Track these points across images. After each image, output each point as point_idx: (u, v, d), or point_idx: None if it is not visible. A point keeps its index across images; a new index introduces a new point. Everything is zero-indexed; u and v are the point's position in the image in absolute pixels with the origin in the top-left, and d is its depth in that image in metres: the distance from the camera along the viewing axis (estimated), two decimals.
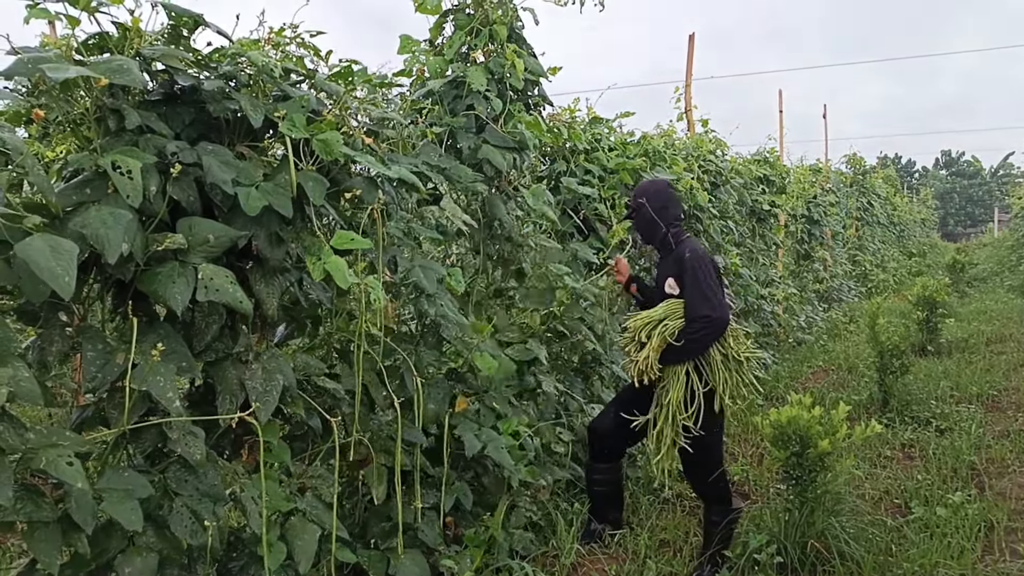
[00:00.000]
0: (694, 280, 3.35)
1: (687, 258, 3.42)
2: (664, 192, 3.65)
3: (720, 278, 3.53)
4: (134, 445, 2.16)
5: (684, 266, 3.39)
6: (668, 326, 3.37)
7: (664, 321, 3.39)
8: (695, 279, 3.35)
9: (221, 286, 2.05)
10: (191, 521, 2.11)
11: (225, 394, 2.28)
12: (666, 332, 3.37)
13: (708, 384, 3.41)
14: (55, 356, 2.02)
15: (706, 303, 3.31)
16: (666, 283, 3.48)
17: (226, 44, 2.34)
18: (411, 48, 3.55)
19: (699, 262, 3.40)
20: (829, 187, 12.18)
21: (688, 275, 3.36)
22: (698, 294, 3.33)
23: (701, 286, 3.34)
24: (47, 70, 1.81)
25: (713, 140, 7.11)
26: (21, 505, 1.78)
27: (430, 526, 2.98)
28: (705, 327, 3.31)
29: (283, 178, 2.23)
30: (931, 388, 6.72)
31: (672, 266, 3.49)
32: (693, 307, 3.33)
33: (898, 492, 4.55)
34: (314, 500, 2.49)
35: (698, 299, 3.32)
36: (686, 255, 3.43)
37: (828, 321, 10.67)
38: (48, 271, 1.66)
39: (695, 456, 3.48)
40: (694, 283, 3.35)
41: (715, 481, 3.58)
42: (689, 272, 3.37)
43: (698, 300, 3.32)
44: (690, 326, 3.33)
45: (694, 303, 3.33)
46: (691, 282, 3.35)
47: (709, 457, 3.54)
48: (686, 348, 3.34)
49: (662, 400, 3.49)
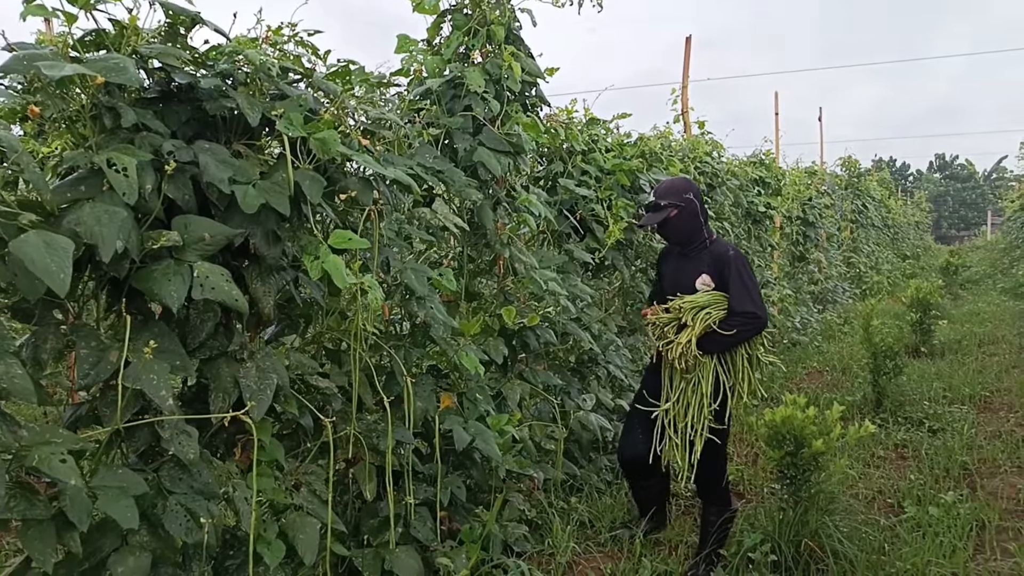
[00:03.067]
0: (739, 278, 3.44)
1: (731, 256, 3.49)
2: (699, 191, 3.71)
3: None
4: (127, 443, 2.15)
5: (728, 264, 3.47)
6: (712, 314, 3.42)
7: (707, 309, 3.44)
8: (740, 277, 3.44)
9: (217, 284, 2.04)
10: (186, 519, 2.10)
11: (219, 392, 2.27)
12: (709, 319, 3.42)
13: (731, 380, 3.51)
14: (49, 354, 2.02)
15: (751, 301, 3.41)
16: (699, 279, 3.53)
17: (223, 42, 2.34)
18: (409, 48, 3.55)
19: (743, 261, 3.51)
20: (824, 189, 12.20)
21: (733, 273, 3.45)
22: (744, 291, 3.42)
23: (747, 284, 3.44)
24: (43, 68, 1.80)
25: (709, 142, 7.12)
26: (15, 503, 1.77)
27: (423, 522, 2.98)
28: (749, 322, 3.39)
29: (280, 176, 2.22)
30: (924, 389, 6.76)
31: (708, 263, 3.54)
32: (740, 302, 3.41)
33: (891, 492, 4.57)
34: (309, 496, 2.49)
35: (744, 295, 3.41)
36: (729, 253, 3.51)
37: (823, 322, 10.70)
38: (43, 268, 1.65)
39: (711, 451, 3.54)
40: (739, 281, 3.44)
41: (720, 479, 3.65)
42: (735, 270, 3.45)
43: (743, 296, 3.41)
44: (734, 319, 3.40)
45: (741, 299, 3.41)
46: (736, 279, 3.44)
47: (720, 454, 3.61)
48: (726, 338, 3.39)
49: (687, 392, 3.53)
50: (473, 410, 3.24)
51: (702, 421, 3.49)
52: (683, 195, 3.60)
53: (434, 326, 2.99)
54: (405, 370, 2.85)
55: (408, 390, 2.79)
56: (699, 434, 3.50)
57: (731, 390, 3.54)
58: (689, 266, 3.61)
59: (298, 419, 2.54)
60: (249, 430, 2.41)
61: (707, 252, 3.59)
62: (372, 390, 2.79)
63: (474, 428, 3.15)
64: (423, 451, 3.25)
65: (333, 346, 2.92)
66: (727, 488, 3.72)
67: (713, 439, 3.51)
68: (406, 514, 2.92)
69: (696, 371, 3.50)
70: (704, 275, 3.53)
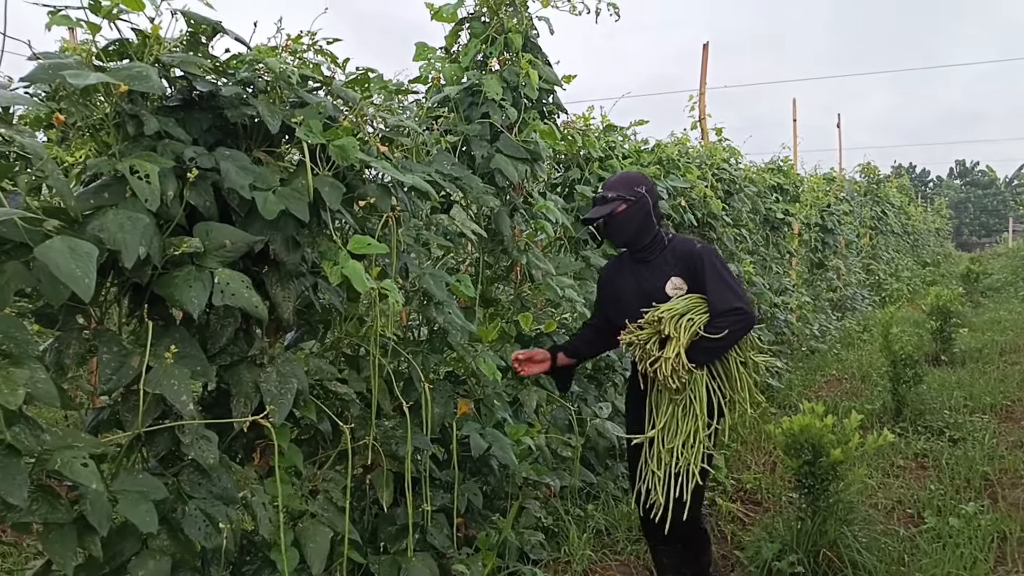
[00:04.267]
0: (715, 273, 3.04)
1: (700, 250, 3.10)
2: (653, 185, 3.26)
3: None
4: (148, 448, 2.17)
5: (699, 260, 3.06)
6: (694, 321, 2.99)
7: (688, 315, 3.00)
8: (716, 271, 3.04)
9: (237, 291, 2.06)
10: (205, 524, 2.11)
11: (240, 397, 2.29)
12: (693, 327, 2.97)
13: (726, 393, 3.09)
14: (72, 359, 2.04)
15: (734, 295, 3.00)
16: (669, 284, 3.10)
17: (243, 51, 2.36)
18: (427, 55, 3.57)
19: (715, 254, 3.13)
20: (843, 196, 12.14)
21: (707, 269, 3.04)
22: (723, 286, 3.01)
23: (725, 278, 3.04)
24: (68, 76, 1.83)
25: (727, 148, 7.11)
26: (36, 506, 1.79)
27: (439, 529, 2.98)
28: (738, 320, 2.97)
29: (300, 183, 2.24)
30: (944, 398, 6.69)
31: (675, 264, 3.12)
32: (721, 301, 2.98)
33: (911, 502, 4.52)
34: (326, 503, 2.50)
35: (725, 291, 3.00)
36: (697, 247, 3.11)
37: (841, 330, 10.63)
38: (68, 273, 1.67)
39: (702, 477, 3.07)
40: (715, 276, 3.03)
41: (702, 515, 3.24)
42: (708, 265, 3.05)
43: (725, 292, 3.00)
44: (721, 319, 2.97)
45: (722, 295, 2.99)
46: (712, 275, 3.03)
47: (705, 483, 3.14)
48: (717, 342, 2.96)
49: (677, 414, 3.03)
50: (490, 417, 3.25)
51: (698, 446, 3.00)
52: (634, 188, 3.15)
53: (452, 332, 3.00)
54: (423, 376, 2.86)
55: (427, 396, 2.80)
56: (694, 463, 3.00)
57: (728, 404, 3.10)
58: (652, 273, 3.16)
59: (316, 424, 2.55)
60: (268, 435, 2.43)
61: (669, 253, 3.16)
62: (390, 396, 2.80)
63: (491, 435, 3.16)
64: (439, 457, 3.26)
65: (352, 352, 2.94)
66: (706, 529, 3.35)
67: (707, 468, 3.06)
68: (423, 521, 2.93)
69: (686, 391, 3.03)
70: (674, 278, 3.11)
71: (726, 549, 3.94)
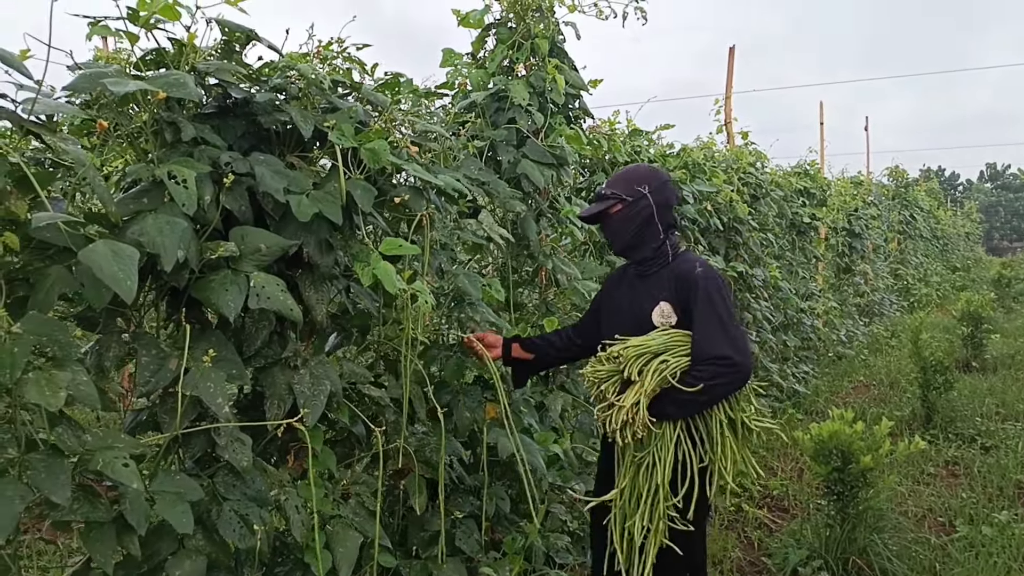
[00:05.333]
0: (709, 308, 2.48)
1: (699, 275, 2.55)
2: (668, 185, 2.73)
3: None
4: (184, 450, 2.21)
5: (695, 287, 2.53)
6: (668, 364, 2.45)
7: (662, 356, 2.47)
8: (711, 307, 2.48)
9: (272, 294, 2.09)
10: (239, 525, 2.14)
11: (273, 399, 2.32)
12: (666, 371, 2.44)
13: (704, 457, 2.54)
14: (112, 361, 2.08)
15: (727, 340, 2.43)
16: (656, 310, 2.61)
17: (275, 58, 2.40)
18: (453, 61, 3.60)
19: (717, 283, 2.55)
20: (871, 200, 12.04)
21: (701, 300, 2.50)
22: (716, 327, 2.45)
23: (721, 317, 2.47)
24: (109, 84, 1.87)
25: (753, 152, 7.08)
26: (78, 505, 1.83)
27: (468, 534, 3.00)
28: (723, 373, 2.40)
29: (332, 186, 2.28)
30: (976, 405, 6.61)
31: (669, 286, 2.62)
32: (708, 344, 2.44)
33: (942, 510, 4.48)
34: (358, 507, 2.53)
35: (716, 333, 2.44)
36: (696, 271, 2.57)
37: (869, 335, 10.54)
38: (111, 276, 1.71)
39: (678, 558, 2.58)
40: (710, 312, 2.48)
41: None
42: (703, 296, 2.50)
43: (716, 335, 2.44)
44: (701, 368, 2.43)
45: (710, 338, 2.44)
46: (706, 310, 2.48)
47: (692, 560, 2.69)
48: (688, 398, 2.42)
49: (639, 477, 2.54)
50: (518, 422, 3.26)
51: (657, 520, 2.51)
52: (634, 186, 2.67)
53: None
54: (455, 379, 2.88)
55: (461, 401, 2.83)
56: (652, 540, 2.53)
57: (704, 474, 2.54)
58: (645, 292, 2.68)
59: (350, 428, 2.58)
60: (302, 438, 2.46)
61: (668, 271, 2.65)
62: (424, 400, 2.82)
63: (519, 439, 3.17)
64: (466, 462, 3.28)
65: (392, 356, 2.97)
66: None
67: (673, 546, 2.54)
68: (453, 527, 2.95)
69: (651, 447, 2.51)
70: (663, 304, 2.59)
71: (753, 555, 3.92)
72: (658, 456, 2.49)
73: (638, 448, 2.54)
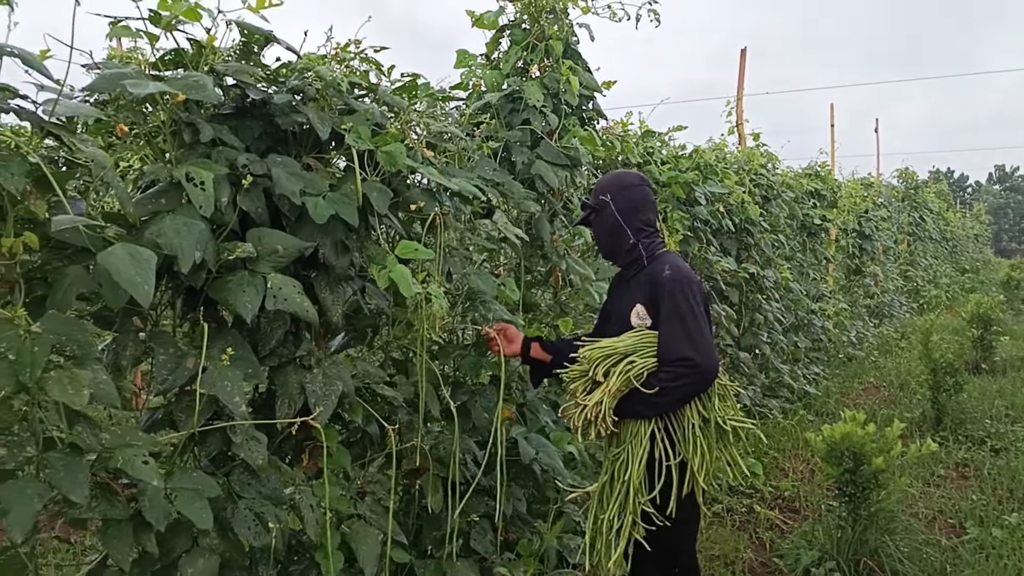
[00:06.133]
0: (673, 309, 2.50)
1: (666, 277, 2.56)
2: (634, 189, 2.76)
3: (708, 311, 2.65)
4: (200, 448, 2.22)
5: (662, 289, 2.55)
6: (635, 364, 2.50)
7: (630, 358, 2.53)
8: (675, 308, 2.50)
9: (289, 296, 2.10)
10: (254, 523, 2.15)
11: (285, 397, 2.33)
12: (632, 372, 2.49)
13: (680, 454, 2.56)
14: (129, 360, 2.09)
15: (688, 342, 2.45)
16: (633, 311, 2.64)
17: (293, 59, 2.41)
18: (468, 62, 3.61)
19: (682, 284, 2.54)
20: (881, 201, 12.01)
21: (666, 301, 2.52)
22: (678, 328, 2.48)
23: (684, 318, 2.48)
24: (129, 86, 1.88)
25: (764, 154, 7.07)
26: (96, 503, 1.84)
27: (483, 535, 3.00)
28: (685, 374, 2.44)
29: (349, 188, 2.28)
30: (986, 407, 6.59)
31: (643, 288, 2.64)
32: (670, 346, 2.47)
33: (952, 512, 4.47)
34: (374, 505, 2.53)
35: (677, 335, 2.47)
36: (664, 273, 2.57)
37: (879, 337, 10.52)
38: (128, 279, 1.72)
39: (655, 556, 2.61)
40: (673, 313, 2.50)
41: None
42: (667, 298, 2.52)
43: (677, 336, 2.47)
44: (665, 370, 2.47)
45: (673, 340, 2.47)
46: (670, 311, 2.50)
47: (674, 556, 2.68)
48: (655, 399, 2.48)
49: (616, 472, 2.61)
50: (535, 422, 3.27)
51: (627, 515, 2.55)
52: (599, 196, 2.76)
53: None
54: (470, 379, 2.88)
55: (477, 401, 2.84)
56: (622, 533, 2.57)
57: (681, 469, 2.55)
58: (628, 295, 2.72)
59: (364, 427, 2.59)
60: (316, 436, 2.47)
61: (644, 273, 2.68)
62: (438, 400, 2.83)
63: (536, 441, 3.18)
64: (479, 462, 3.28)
65: (401, 356, 2.97)
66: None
67: (643, 543, 2.57)
68: (467, 526, 2.95)
69: (626, 443, 2.58)
70: (638, 305, 2.62)
71: (765, 556, 3.92)
72: (632, 453, 2.55)
73: (615, 444, 2.62)
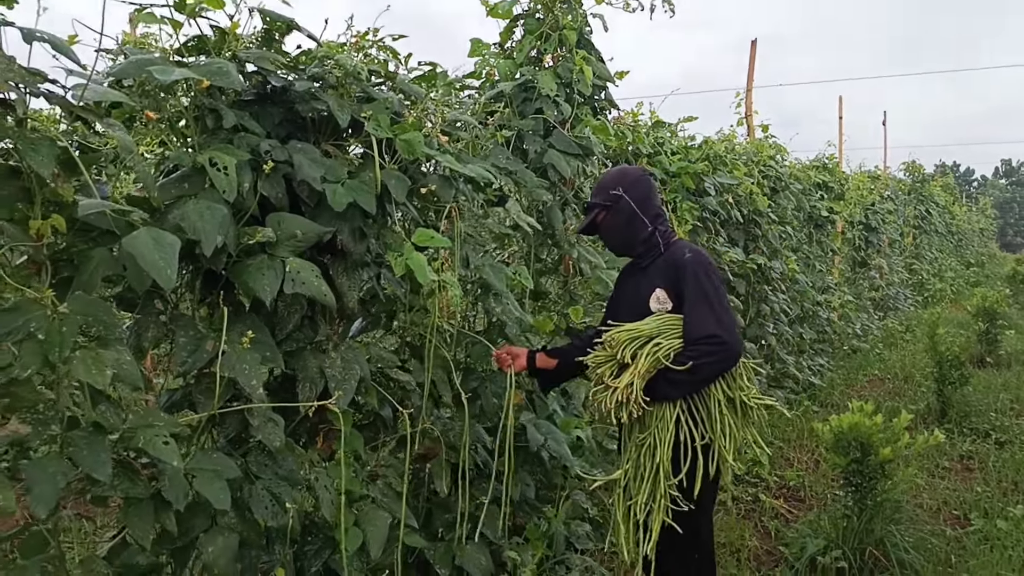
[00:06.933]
0: (698, 289, 2.58)
1: (687, 260, 2.65)
2: (642, 179, 2.86)
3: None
4: (218, 429, 2.26)
5: (684, 271, 2.63)
6: (661, 346, 2.55)
7: (656, 339, 2.58)
8: (699, 288, 2.58)
9: (307, 279, 2.13)
10: (271, 504, 2.19)
11: (305, 381, 2.36)
12: (659, 353, 2.54)
13: (705, 436, 2.62)
14: (150, 342, 2.12)
15: (714, 321, 2.52)
16: (653, 296, 2.71)
17: (312, 47, 2.43)
18: (481, 51, 3.62)
19: (704, 267, 2.65)
20: (887, 194, 11.99)
21: (690, 283, 2.60)
22: (704, 308, 2.55)
23: (709, 297, 2.57)
24: (155, 72, 1.90)
25: (773, 146, 7.07)
26: (118, 482, 1.87)
27: (492, 519, 3.04)
28: (711, 351, 2.50)
29: (367, 175, 2.31)
30: (990, 400, 6.62)
31: (663, 273, 2.72)
32: (697, 325, 2.54)
33: (957, 503, 4.50)
34: (385, 488, 2.57)
35: (704, 314, 2.54)
36: (685, 256, 2.67)
37: (884, 329, 10.53)
38: (152, 263, 1.75)
39: (682, 538, 2.65)
40: (698, 293, 2.58)
41: (708, 568, 2.80)
42: (691, 279, 2.60)
43: (704, 316, 2.54)
44: (692, 348, 2.53)
45: (699, 319, 2.54)
46: (694, 292, 2.59)
47: (697, 539, 2.73)
48: (683, 377, 2.53)
49: (642, 457, 2.64)
50: (543, 408, 3.30)
51: (659, 499, 2.58)
52: (610, 191, 2.82)
53: (508, 324, 3.04)
54: (480, 366, 2.91)
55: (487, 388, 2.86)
56: (655, 518, 2.60)
57: (707, 451, 2.61)
58: (644, 282, 2.79)
59: (378, 411, 2.62)
60: (331, 420, 2.50)
61: (662, 259, 2.76)
62: (449, 386, 2.86)
63: (545, 427, 3.21)
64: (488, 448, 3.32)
65: (416, 342, 3.01)
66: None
67: (674, 526, 2.60)
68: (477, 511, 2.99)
69: (652, 427, 2.62)
70: (658, 291, 2.70)
71: (770, 544, 3.96)
72: (659, 437, 2.59)
73: (640, 429, 2.65)
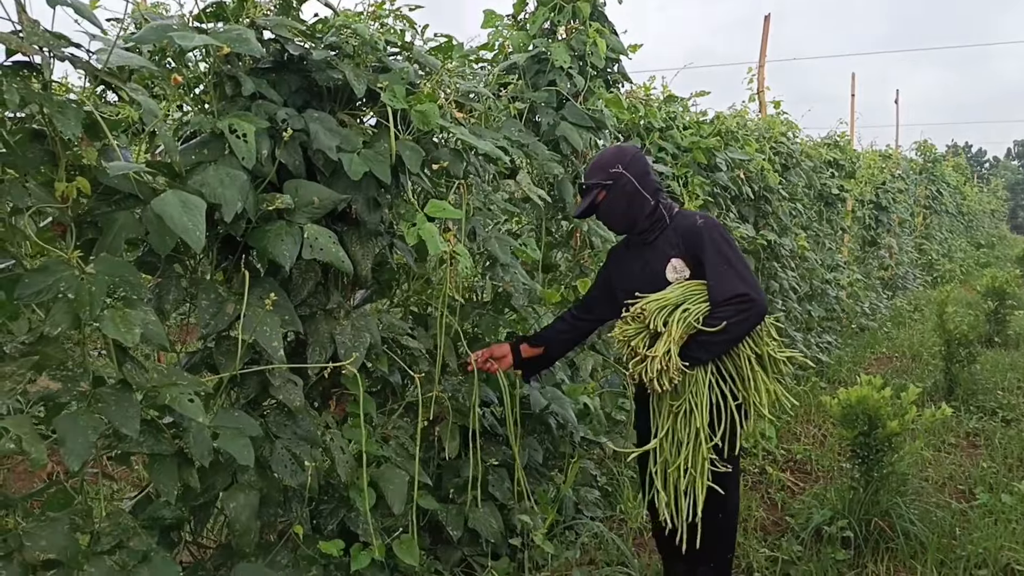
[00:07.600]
0: (717, 252, 2.61)
1: (701, 226, 2.68)
2: (638, 156, 2.84)
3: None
4: (238, 391, 2.31)
5: (700, 237, 2.66)
6: (690, 311, 2.57)
7: (684, 306, 2.59)
8: (719, 251, 2.62)
9: (325, 246, 2.17)
10: (291, 462, 2.25)
11: (316, 346, 2.42)
12: (689, 318, 2.56)
13: (737, 395, 2.66)
14: (172, 304, 2.17)
15: (740, 280, 2.56)
16: (669, 266, 2.72)
17: (328, 15, 2.46)
18: (495, 22, 3.64)
19: (719, 230, 2.68)
20: (898, 174, 11.94)
21: (708, 247, 2.63)
22: (727, 269, 2.58)
23: (729, 259, 2.60)
24: (176, 38, 1.94)
25: (784, 122, 7.06)
26: (144, 439, 1.94)
27: (501, 482, 3.10)
28: (742, 309, 2.52)
29: (382, 146, 2.34)
30: (998, 379, 6.63)
31: (674, 243, 2.74)
32: (723, 286, 2.56)
33: (962, 478, 4.54)
34: (398, 448, 2.63)
35: (728, 275, 2.57)
36: (698, 223, 2.69)
37: (892, 308, 10.53)
38: (181, 226, 1.79)
39: (713, 503, 2.67)
40: (718, 256, 2.61)
41: (723, 541, 2.86)
42: (709, 244, 2.63)
43: (728, 276, 2.57)
44: (721, 309, 2.55)
45: (724, 280, 2.57)
46: (714, 255, 2.61)
47: (725, 506, 2.78)
48: (714, 338, 2.55)
49: (677, 424, 2.64)
50: (550, 376, 3.35)
51: (700, 463, 2.61)
52: (609, 170, 2.78)
53: (515, 296, 3.08)
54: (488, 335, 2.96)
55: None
56: (699, 483, 2.62)
57: (740, 410, 2.67)
58: (655, 255, 2.78)
59: (387, 376, 2.68)
60: (342, 384, 2.56)
61: (671, 231, 2.77)
62: (456, 353, 2.91)
63: (550, 393, 3.26)
64: (497, 415, 3.38)
65: (420, 310, 3.05)
66: (730, 560, 2.91)
67: (716, 488, 2.63)
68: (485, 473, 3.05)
69: (686, 393, 2.61)
70: (674, 260, 2.72)
71: (776, 515, 4.01)
72: (694, 402, 2.60)
73: (674, 397, 2.63)
